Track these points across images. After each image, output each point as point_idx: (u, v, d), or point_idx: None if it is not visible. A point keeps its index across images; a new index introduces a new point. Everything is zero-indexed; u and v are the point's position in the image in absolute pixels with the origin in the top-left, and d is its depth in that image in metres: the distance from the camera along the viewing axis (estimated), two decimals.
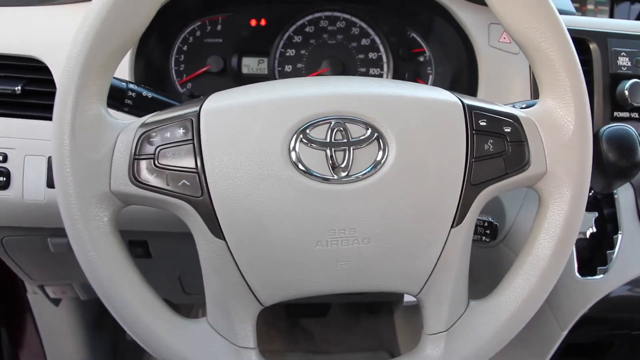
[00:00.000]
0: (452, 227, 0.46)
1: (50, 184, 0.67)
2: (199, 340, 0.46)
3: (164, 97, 0.57)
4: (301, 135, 0.44)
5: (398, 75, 0.81)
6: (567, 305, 0.70)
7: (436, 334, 0.49)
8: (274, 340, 1.34)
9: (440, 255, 0.46)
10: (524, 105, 0.52)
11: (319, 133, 0.44)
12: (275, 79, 0.79)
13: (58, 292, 0.91)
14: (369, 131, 0.45)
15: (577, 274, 0.68)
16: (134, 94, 0.55)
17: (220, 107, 0.45)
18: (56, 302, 0.96)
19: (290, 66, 0.79)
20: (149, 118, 0.46)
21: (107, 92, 0.46)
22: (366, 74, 0.81)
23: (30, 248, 0.78)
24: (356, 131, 0.45)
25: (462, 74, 0.77)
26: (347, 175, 0.44)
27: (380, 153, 0.44)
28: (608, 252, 0.69)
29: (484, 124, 0.46)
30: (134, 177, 0.44)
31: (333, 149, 0.44)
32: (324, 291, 0.47)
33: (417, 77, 0.82)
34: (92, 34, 0.43)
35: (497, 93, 0.72)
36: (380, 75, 0.81)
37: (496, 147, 0.46)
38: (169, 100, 0.57)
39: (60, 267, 0.82)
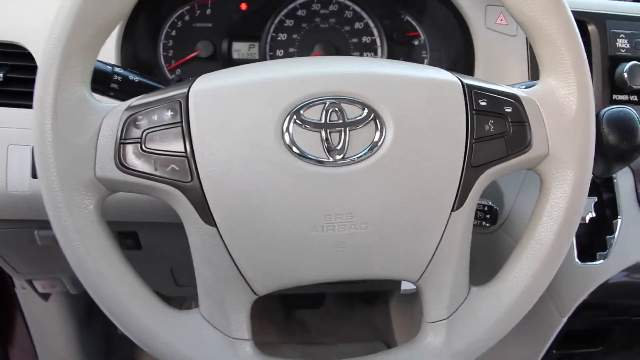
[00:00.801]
0: (452, 210, 0.44)
1: (35, 174, 0.65)
2: (191, 332, 0.45)
3: (152, 81, 0.55)
4: (295, 117, 0.42)
5: (392, 59, 0.79)
6: (567, 291, 0.69)
7: (437, 322, 0.47)
8: (268, 332, 1.33)
9: (440, 240, 0.45)
10: (523, 87, 0.50)
11: (313, 114, 0.43)
12: None
13: (47, 286, 0.89)
14: (366, 111, 0.43)
15: (577, 260, 0.67)
16: (120, 78, 0.53)
17: (210, 88, 0.43)
18: (45, 296, 0.94)
19: (282, 50, 0.77)
20: (135, 101, 0.44)
21: (90, 74, 0.44)
22: None
23: (16, 241, 0.76)
24: (352, 112, 0.43)
25: (458, 58, 0.75)
26: (343, 158, 0.42)
27: (377, 134, 0.43)
28: (607, 237, 0.68)
29: (484, 103, 0.45)
30: (120, 163, 0.42)
31: (328, 130, 0.42)
32: (320, 279, 0.45)
33: (412, 61, 0.80)
34: (75, 12, 0.41)
35: (495, 76, 0.70)
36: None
37: (497, 127, 0.45)
38: (157, 84, 0.55)
39: (49, 261, 0.80)
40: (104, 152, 0.42)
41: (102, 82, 0.52)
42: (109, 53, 0.66)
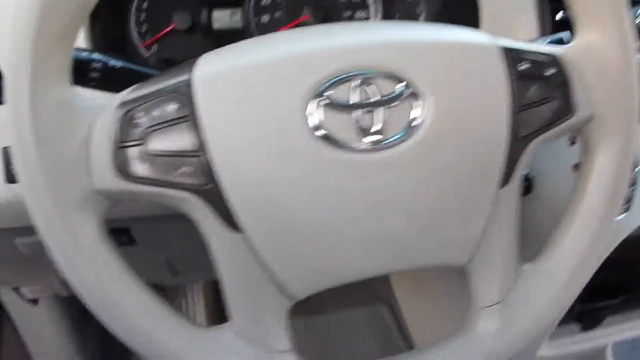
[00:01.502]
0: (499, 188, 0.41)
1: (10, 178, 0.58)
2: (226, 352, 0.40)
3: (136, 65, 0.48)
4: (320, 98, 0.37)
5: (387, 17, 0.73)
6: None
7: (490, 306, 0.44)
8: None
9: (488, 220, 0.41)
10: (551, 44, 0.46)
11: (341, 93, 0.37)
12: (252, 32, 0.70)
13: (36, 291, 0.83)
14: (400, 86, 0.38)
15: None
16: (99, 65, 0.46)
17: (217, 71, 0.37)
18: (34, 301, 0.88)
19: (268, 15, 0.70)
20: (128, 94, 0.38)
21: (69, 68, 0.37)
22: (352, 19, 0.73)
23: None
24: (385, 87, 0.38)
25: (460, 12, 0.70)
26: (379, 141, 0.38)
27: (416, 112, 0.38)
28: (629, 188, 0.65)
29: (525, 67, 0.40)
30: (121, 170, 0.36)
31: (360, 111, 0.37)
32: (362, 275, 0.41)
33: (407, 18, 0.74)
34: None
35: (502, 32, 0.65)
36: (367, 19, 0.73)
37: (540, 93, 0.40)
38: (144, 68, 0.48)
39: (34, 267, 0.74)
40: (100, 159, 0.36)
41: (79, 72, 0.45)
42: None
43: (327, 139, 0.37)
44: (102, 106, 0.37)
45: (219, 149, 0.36)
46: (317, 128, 0.37)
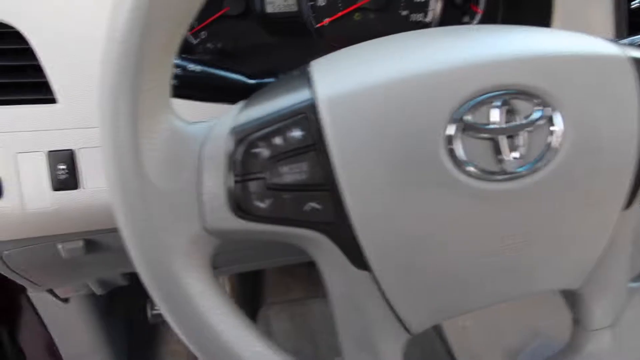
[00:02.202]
0: (622, 210, 0.37)
1: (57, 186, 0.52)
2: None
3: (216, 69, 0.42)
4: (460, 122, 0.32)
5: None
6: None
7: (600, 329, 0.42)
8: (293, 289, 1.27)
9: (607, 243, 0.38)
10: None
11: (480, 116, 0.33)
12: (308, 15, 0.64)
13: (69, 291, 0.79)
14: (539, 107, 0.33)
15: None
16: (178, 71, 0.40)
17: (347, 92, 0.32)
18: (65, 300, 0.84)
19: (325, 0, 0.64)
20: (237, 116, 0.32)
21: (169, 87, 0.31)
22: (412, 4, 0.67)
23: (36, 258, 0.64)
24: (525, 107, 0.33)
25: (532, 7, 0.64)
26: (520, 169, 0.33)
27: (554, 135, 0.34)
28: None
29: None
30: (239, 207, 0.32)
31: (501, 136, 0.33)
32: (481, 306, 0.38)
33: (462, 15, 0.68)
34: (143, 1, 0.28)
35: (576, 28, 0.60)
36: (427, 4, 0.67)
37: None
38: (225, 72, 0.43)
39: (73, 271, 0.69)
40: (214, 195, 0.31)
41: None
42: None
43: (469, 169, 0.33)
44: (208, 130, 0.32)
45: (350, 182, 0.32)
46: (458, 157, 0.33)
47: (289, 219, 0.32)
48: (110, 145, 0.29)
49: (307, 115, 0.31)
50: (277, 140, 0.31)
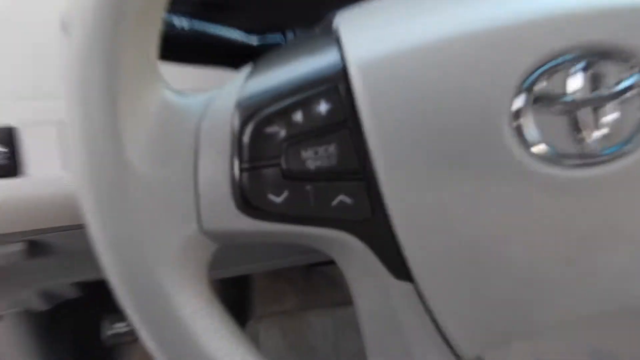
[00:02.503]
0: None
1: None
2: None
3: (209, 24, 0.34)
4: (530, 92, 0.26)
5: None
6: None
7: None
8: (287, 297, 1.14)
9: None
10: None
11: (556, 84, 0.26)
12: None
13: (2, 308, 0.67)
14: (634, 71, 0.27)
15: None
16: (166, 28, 0.32)
17: (383, 55, 0.25)
18: None
19: None
20: (244, 85, 0.25)
21: (157, 46, 0.24)
22: None
23: None
24: (613, 74, 0.27)
25: None
26: (606, 151, 0.27)
27: None
28: None
29: None
30: (246, 202, 0.25)
31: (583, 110, 0.26)
32: (555, 325, 0.31)
33: None
34: None
35: None
36: None
37: None
38: (219, 29, 0.34)
39: (8, 281, 0.58)
40: (213, 186, 0.25)
41: None
42: None
43: (541, 151, 0.26)
44: (207, 104, 0.25)
45: (390, 168, 0.25)
46: (527, 137, 0.26)
47: (311, 216, 0.26)
48: (79, 123, 0.22)
49: (336, 85, 0.25)
50: (297, 117, 0.25)
